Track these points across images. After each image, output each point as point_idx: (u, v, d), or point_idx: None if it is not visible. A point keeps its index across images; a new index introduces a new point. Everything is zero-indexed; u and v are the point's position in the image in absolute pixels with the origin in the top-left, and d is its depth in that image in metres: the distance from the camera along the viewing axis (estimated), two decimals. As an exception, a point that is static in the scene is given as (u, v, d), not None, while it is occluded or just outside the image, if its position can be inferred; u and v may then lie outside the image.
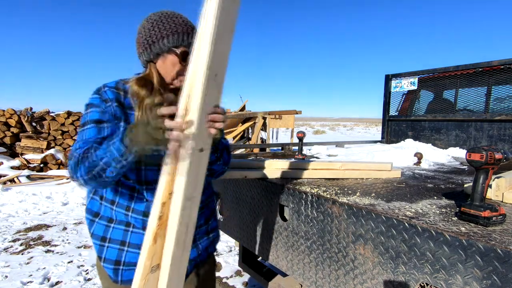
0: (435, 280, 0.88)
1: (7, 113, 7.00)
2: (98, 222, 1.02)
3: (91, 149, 0.87)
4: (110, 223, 1.01)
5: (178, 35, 0.97)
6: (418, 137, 3.41)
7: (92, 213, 1.04)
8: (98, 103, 0.97)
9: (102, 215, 1.02)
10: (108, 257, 1.00)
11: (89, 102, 0.98)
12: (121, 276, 1.01)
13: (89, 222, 1.04)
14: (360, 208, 1.09)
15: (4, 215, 4.43)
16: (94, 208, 1.04)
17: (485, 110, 2.99)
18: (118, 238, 1.00)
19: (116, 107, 0.97)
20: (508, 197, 1.18)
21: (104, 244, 1.01)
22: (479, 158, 0.91)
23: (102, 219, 1.02)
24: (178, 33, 0.97)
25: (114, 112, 0.97)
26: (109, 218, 1.01)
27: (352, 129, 43.30)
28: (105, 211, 1.02)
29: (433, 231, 0.88)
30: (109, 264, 1.01)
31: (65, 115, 7.49)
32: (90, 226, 1.04)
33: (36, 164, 6.79)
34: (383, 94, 3.78)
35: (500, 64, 2.74)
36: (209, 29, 0.74)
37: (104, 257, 1.01)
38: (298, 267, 1.35)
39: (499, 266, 0.75)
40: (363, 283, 1.07)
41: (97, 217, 1.03)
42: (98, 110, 0.96)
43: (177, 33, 0.97)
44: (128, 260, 1.00)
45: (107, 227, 1.01)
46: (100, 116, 0.96)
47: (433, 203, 1.15)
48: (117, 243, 1.00)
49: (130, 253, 1.00)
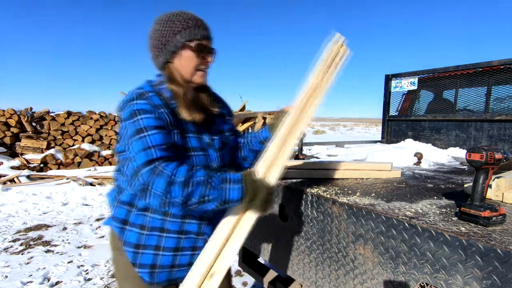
0: (435, 280, 0.88)
1: (7, 113, 7.00)
2: (130, 230, 1.01)
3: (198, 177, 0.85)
4: (143, 230, 1.00)
5: (190, 29, 0.98)
6: (418, 137, 3.41)
7: (121, 220, 1.01)
8: (150, 109, 0.92)
9: (132, 222, 1.00)
10: (143, 262, 1.00)
11: (138, 108, 0.91)
12: (157, 278, 1.02)
13: (119, 230, 1.02)
14: (360, 208, 1.09)
15: (4, 215, 4.43)
16: (121, 216, 1.01)
17: (485, 110, 2.99)
18: (152, 243, 1.00)
19: (168, 113, 0.95)
20: (508, 197, 1.18)
21: (138, 251, 1.00)
22: (479, 158, 0.91)
23: (134, 226, 1.00)
24: (189, 28, 0.98)
25: (167, 119, 0.94)
26: (141, 225, 1.00)
27: (352, 129, 43.32)
28: (136, 218, 1.00)
29: (433, 231, 0.88)
30: (145, 268, 1.01)
31: (65, 115, 7.50)
32: (121, 234, 1.02)
33: (36, 164, 6.79)
34: (383, 94, 3.78)
35: (500, 64, 2.74)
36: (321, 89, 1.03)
37: (139, 263, 1.00)
38: (298, 267, 1.35)
39: (499, 266, 0.75)
40: (363, 283, 1.07)
41: (127, 224, 1.01)
42: (152, 117, 0.91)
43: (189, 28, 0.98)
44: (163, 263, 1.01)
45: (140, 234, 1.00)
46: (156, 122, 0.91)
47: (433, 203, 1.15)
48: (151, 249, 1.00)
49: (165, 256, 1.01)
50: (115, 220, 1.03)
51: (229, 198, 0.87)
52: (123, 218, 1.01)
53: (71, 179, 6.05)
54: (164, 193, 0.82)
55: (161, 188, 0.82)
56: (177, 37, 0.97)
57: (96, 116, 7.75)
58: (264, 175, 0.94)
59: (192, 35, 0.98)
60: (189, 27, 0.98)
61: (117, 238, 1.04)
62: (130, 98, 0.94)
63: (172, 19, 0.98)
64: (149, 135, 0.88)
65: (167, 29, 0.98)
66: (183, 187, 0.82)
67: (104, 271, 2.85)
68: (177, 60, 1.00)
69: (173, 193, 0.82)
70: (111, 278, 2.75)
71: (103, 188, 5.86)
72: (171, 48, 0.98)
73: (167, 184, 0.82)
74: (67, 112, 7.55)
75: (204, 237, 1.04)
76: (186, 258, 1.04)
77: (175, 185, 0.82)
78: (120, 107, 0.96)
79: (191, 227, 1.03)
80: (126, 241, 1.01)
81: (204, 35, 1.00)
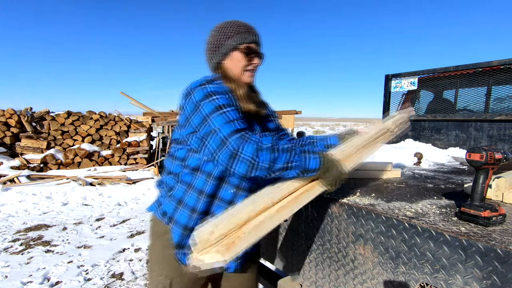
0: (435, 280, 0.88)
1: (7, 113, 7.00)
2: (182, 211, 1.07)
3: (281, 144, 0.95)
4: (193, 213, 1.06)
5: (240, 34, 1.12)
6: (418, 137, 3.41)
7: (178, 200, 1.09)
8: (222, 91, 1.02)
9: (186, 203, 1.07)
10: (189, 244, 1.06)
11: (212, 90, 1.01)
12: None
13: (173, 209, 1.09)
14: (360, 208, 1.09)
15: (4, 215, 4.43)
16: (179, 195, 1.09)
17: (485, 110, 2.99)
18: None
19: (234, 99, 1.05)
20: (508, 197, 1.18)
21: (185, 233, 1.06)
22: (479, 158, 0.91)
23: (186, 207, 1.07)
24: (240, 33, 1.13)
25: (235, 103, 1.04)
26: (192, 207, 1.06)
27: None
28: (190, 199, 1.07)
29: (433, 231, 0.88)
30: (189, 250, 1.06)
31: (65, 115, 7.50)
32: (174, 213, 1.09)
33: (36, 164, 6.79)
34: (383, 94, 3.78)
35: (500, 64, 2.74)
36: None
37: (186, 244, 1.06)
38: (298, 267, 1.35)
39: (499, 266, 0.75)
40: (363, 283, 1.07)
41: (180, 204, 1.08)
42: (225, 97, 1.01)
43: (240, 33, 1.13)
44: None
45: (190, 217, 1.06)
46: (230, 101, 1.01)
47: (433, 203, 1.15)
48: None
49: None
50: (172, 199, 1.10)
51: (309, 166, 0.96)
52: (179, 198, 1.08)
53: (71, 179, 6.05)
54: (254, 157, 0.89)
55: (250, 153, 0.89)
56: (229, 41, 1.12)
57: (96, 116, 7.75)
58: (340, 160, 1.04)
59: (242, 39, 1.12)
60: (240, 32, 1.12)
61: (159, 224, 1.13)
62: (200, 83, 1.03)
63: (226, 26, 1.14)
64: (228, 111, 0.97)
65: (221, 35, 1.13)
66: (270, 152, 0.90)
67: (104, 271, 2.86)
68: (228, 61, 1.14)
69: (261, 157, 0.90)
70: (111, 278, 2.75)
71: (103, 188, 5.86)
72: (223, 51, 1.13)
73: (255, 149, 0.90)
74: (67, 112, 7.55)
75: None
76: None
77: (263, 151, 0.90)
78: (188, 92, 1.03)
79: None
80: (177, 220, 1.07)
81: (253, 40, 1.14)
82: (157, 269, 1.15)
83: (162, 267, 1.13)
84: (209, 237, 0.77)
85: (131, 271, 2.89)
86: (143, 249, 3.39)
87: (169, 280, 1.12)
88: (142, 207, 5.02)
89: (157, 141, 8.33)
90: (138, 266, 2.99)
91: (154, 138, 8.93)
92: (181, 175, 1.10)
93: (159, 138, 8.34)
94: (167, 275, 1.12)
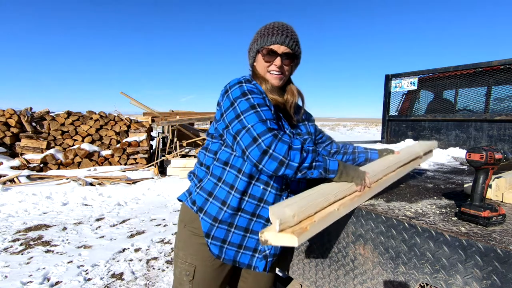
0: (435, 280, 0.88)
1: (7, 113, 7.01)
2: (212, 203, 1.11)
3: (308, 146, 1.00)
4: (224, 206, 1.10)
5: (263, 37, 1.14)
6: (418, 137, 3.41)
7: (208, 192, 1.13)
8: (257, 91, 1.07)
9: (216, 196, 1.11)
10: (217, 235, 1.11)
11: (248, 89, 1.06)
12: (225, 254, 1.13)
13: (204, 201, 1.12)
14: (360, 208, 1.09)
15: (4, 215, 4.43)
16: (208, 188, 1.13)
17: (485, 110, 2.99)
18: (228, 220, 1.10)
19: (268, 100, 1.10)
20: (508, 197, 1.18)
21: (215, 224, 1.10)
22: (479, 158, 0.91)
23: (217, 200, 1.11)
24: (264, 36, 1.14)
25: (269, 103, 1.08)
26: (223, 201, 1.10)
27: (352, 129, 43.32)
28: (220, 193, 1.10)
29: (433, 231, 0.88)
30: (217, 241, 1.11)
31: (65, 115, 7.50)
32: (204, 204, 1.12)
33: (36, 164, 6.79)
34: (383, 94, 3.78)
35: (500, 64, 2.74)
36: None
37: (213, 235, 1.11)
38: (298, 267, 1.35)
39: (499, 266, 0.75)
40: (363, 283, 1.07)
41: (211, 196, 1.12)
42: (260, 97, 1.06)
43: (263, 36, 1.14)
44: (233, 241, 1.12)
45: (220, 209, 1.10)
46: (264, 101, 1.06)
47: (433, 203, 1.15)
48: (226, 224, 1.10)
49: (235, 234, 1.12)
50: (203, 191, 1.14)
51: (329, 167, 1.02)
52: (210, 191, 1.12)
53: (71, 179, 6.05)
54: (285, 156, 0.94)
55: (283, 152, 0.94)
56: (255, 44, 1.17)
57: (96, 116, 7.75)
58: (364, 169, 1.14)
59: (263, 42, 1.14)
60: (264, 35, 1.14)
61: (188, 212, 1.17)
62: (238, 82, 1.08)
63: (259, 30, 1.18)
64: (262, 110, 1.01)
65: (253, 38, 1.19)
66: (300, 153, 0.96)
67: (104, 271, 2.86)
68: (256, 64, 1.19)
69: (292, 156, 0.95)
70: (111, 278, 2.75)
71: (103, 188, 5.86)
72: (252, 54, 1.20)
73: (288, 148, 0.95)
74: (67, 112, 7.56)
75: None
76: (253, 242, 1.14)
77: (294, 150, 0.95)
78: (226, 89, 1.09)
79: (263, 212, 1.12)
80: (207, 211, 1.11)
81: (277, 41, 1.13)
82: (182, 256, 1.18)
83: (187, 254, 1.17)
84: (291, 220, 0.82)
85: (131, 271, 2.89)
86: (143, 249, 3.39)
87: (193, 268, 1.16)
88: (142, 207, 5.02)
89: (157, 141, 8.34)
90: (138, 266, 2.99)
91: (154, 138, 8.93)
92: (212, 168, 1.14)
93: (159, 138, 8.35)
94: (191, 262, 1.16)
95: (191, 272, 1.16)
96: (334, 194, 0.99)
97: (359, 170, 1.10)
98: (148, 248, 3.41)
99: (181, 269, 1.18)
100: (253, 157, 0.95)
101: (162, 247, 3.44)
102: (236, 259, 1.15)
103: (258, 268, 1.17)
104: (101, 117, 7.78)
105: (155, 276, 2.80)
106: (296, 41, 1.17)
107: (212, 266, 1.16)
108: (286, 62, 1.15)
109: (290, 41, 1.14)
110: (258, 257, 1.16)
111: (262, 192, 1.10)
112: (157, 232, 3.92)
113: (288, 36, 1.14)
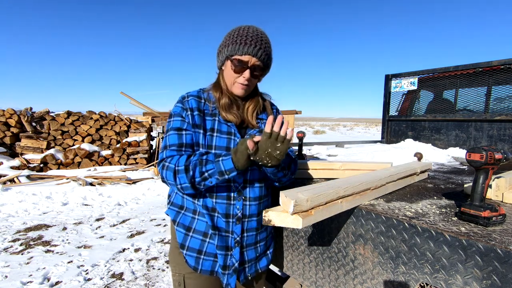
0: (435, 280, 0.88)
1: (7, 113, 7.00)
2: (184, 214, 1.14)
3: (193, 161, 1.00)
4: (195, 214, 1.13)
5: (235, 45, 1.07)
6: (418, 137, 3.42)
7: (179, 206, 1.16)
8: (179, 112, 1.10)
9: (187, 207, 1.14)
10: (192, 246, 1.12)
11: (173, 111, 1.12)
12: (202, 265, 1.13)
13: (175, 214, 1.16)
14: (360, 208, 1.09)
15: (4, 215, 4.43)
16: (178, 202, 1.17)
17: (485, 110, 2.99)
18: (202, 229, 1.12)
19: (196, 115, 1.10)
20: (508, 197, 1.18)
21: (188, 234, 1.12)
22: (479, 158, 0.91)
23: (188, 211, 1.14)
24: (236, 43, 1.07)
25: (193, 121, 1.09)
26: (193, 210, 1.13)
27: (352, 129, 43.30)
28: (189, 204, 1.14)
29: (433, 231, 0.88)
30: (193, 252, 1.12)
31: (65, 115, 7.50)
32: (176, 217, 1.15)
33: (36, 164, 6.79)
34: (383, 94, 3.78)
35: (500, 64, 2.74)
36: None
37: (188, 245, 1.13)
38: (298, 267, 1.35)
39: (499, 266, 0.75)
40: (363, 283, 1.07)
41: (182, 209, 1.15)
42: (180, 119, 1.09)
43: (235, 43, 1.07)
44: (209, 250, 1.11)
45: (193, 219, 1.13)
46: (181, 124, 1.09)
47: (433, 203, 1.15)
48: (200, 234, 1.12)
49: (210, 244, 1.11)
50: (171, 205, 1.18)
51: (225, 168, 0.98)
52: (180, 204, 1.16)
53: (71, 179, 6.05)
54: (176, 182, 1.01)
55: (172, 179, 1.01)
56: (225, 49, 1.10)
57: (96, 116, 7.75)
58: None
59: (234, 50, 1.07)
60: (236, 43, 1.07)
61: (172, 226, 1.19)
62: (177, 101, 1.14)
63: (231, 32, 1.11)
64: (170, 135, 1.08)
65: (224, 41, 1.12)
66: (185, 173, 0.99)
67: (104, 271, 2.86)
68: (224, 68, 1.15)
69: (181, 180, 1.00)
70: (111, 278, 2.75)
71: (103, 188, 5.86)
72: (221, 58, 1.13)
73: (173, 174, 1.00)
74: (67, 112, 7.56)
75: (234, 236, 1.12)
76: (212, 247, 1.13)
77: (179, 173, 1.00)
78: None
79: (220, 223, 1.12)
80: (180, 222, 1.14)
81: (249, 52, 1.07)
82: (172, 268, 1.23)
83: (174, 265, 1.21)
84: (305, 204, 0.85)
85: (131, 271, 2.89)
86: (143, 249, 3.39)
87: (182, 277, 1.19)
88: (142, 207, 5.02)
89: (157, 141, 8.33)
90: (138, 266, 2.99)
91: (154, 138, 8.93)
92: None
93: (159, 138, 8.34)
94: (179, 272, 1.19)
95: (181, 281, 1.19)
96: (344, 189, 1.02)
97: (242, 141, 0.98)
98: (148, 248, 3.42)
99: (174, 279, 1.23)
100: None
101: (162, 247, 3.45)
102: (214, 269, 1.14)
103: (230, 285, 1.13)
104: (101, 117, 7.78)
105: (155, 276, 2.80)
106: (268, 54, 1.12)
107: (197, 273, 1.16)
108: (255, 74, 1.11)
109: (263, 54, 1.09)
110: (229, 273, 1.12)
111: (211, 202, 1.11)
112: (157, 232, 3.92)
113: (261, 48, 1.08)
